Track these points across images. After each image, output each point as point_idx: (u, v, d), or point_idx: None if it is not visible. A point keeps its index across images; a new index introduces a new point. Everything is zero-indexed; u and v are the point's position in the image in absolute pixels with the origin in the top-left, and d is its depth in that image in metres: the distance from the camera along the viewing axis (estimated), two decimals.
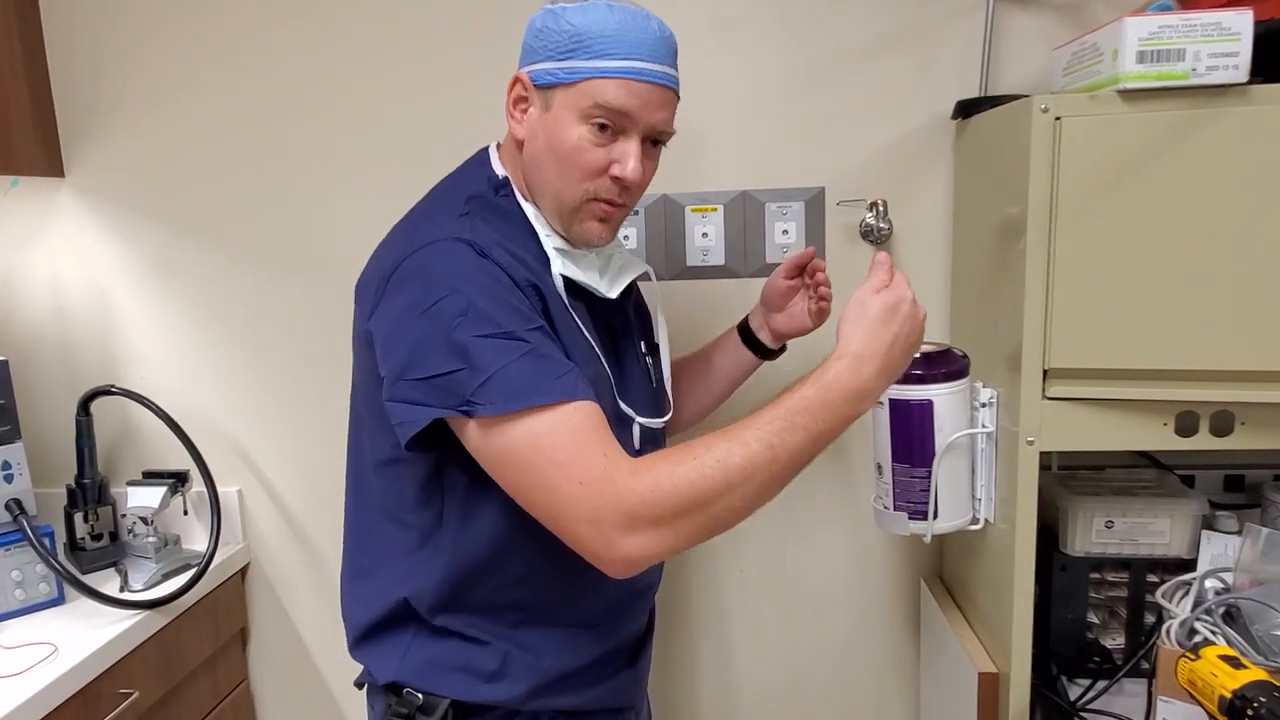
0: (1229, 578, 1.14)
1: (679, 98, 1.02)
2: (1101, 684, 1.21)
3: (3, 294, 1.60)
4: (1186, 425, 1.08)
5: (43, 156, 1.53)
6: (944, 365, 1.16)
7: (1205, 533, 1.19)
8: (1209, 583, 1.14)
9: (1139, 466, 1.37)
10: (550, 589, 1.02)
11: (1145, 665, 1.21)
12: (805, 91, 1.44)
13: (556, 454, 0.86)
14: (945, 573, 1.52)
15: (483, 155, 1.08)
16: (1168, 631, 1.09)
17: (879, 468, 1.22)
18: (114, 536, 1.59)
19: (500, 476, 0.90)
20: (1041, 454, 1.12)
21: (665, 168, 1.46)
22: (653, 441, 1.10)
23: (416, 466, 0.98)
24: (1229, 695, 0.86)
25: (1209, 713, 0.91)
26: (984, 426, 1.19)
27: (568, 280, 1.01)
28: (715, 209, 1.48)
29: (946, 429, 1.16)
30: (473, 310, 0.88)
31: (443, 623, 1.02)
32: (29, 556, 1.40)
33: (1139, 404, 1.08)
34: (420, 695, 1.02)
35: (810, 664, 1.61)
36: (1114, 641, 1.25)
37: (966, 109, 1.34)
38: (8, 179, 1.53)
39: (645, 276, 1.17)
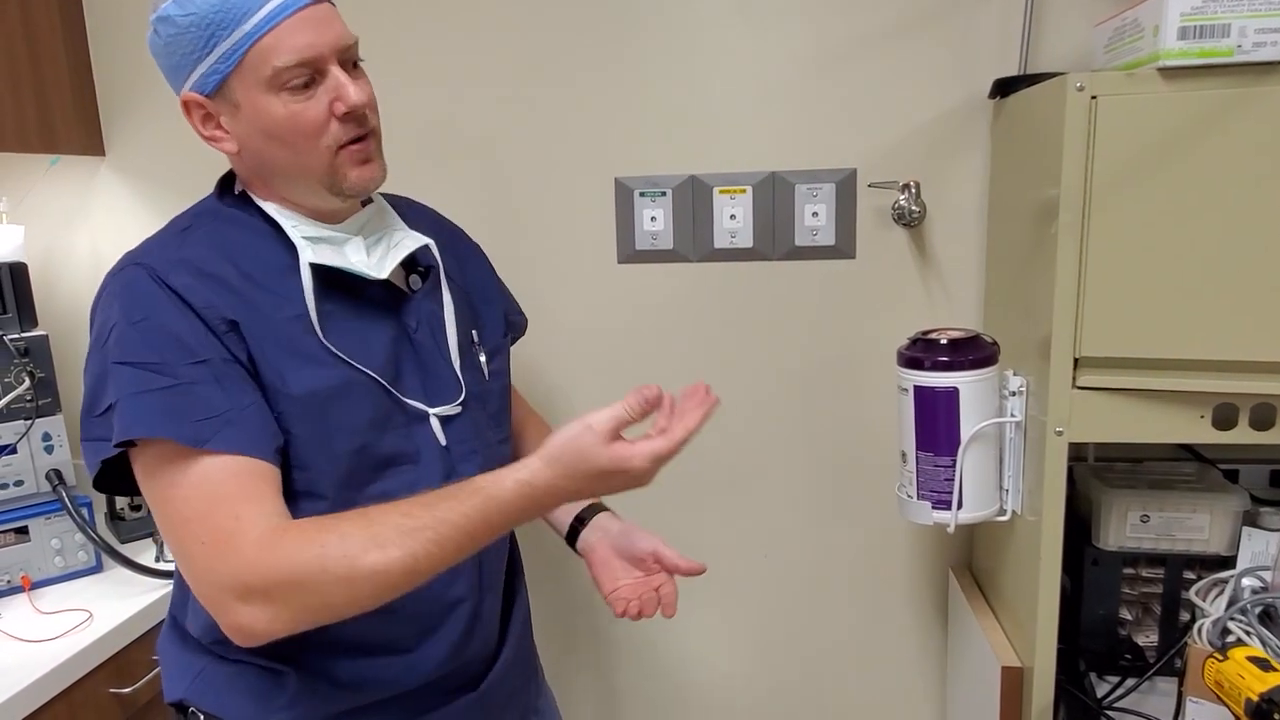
0: (1269, 576, 1.10)
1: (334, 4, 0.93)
2: (1130, 682, 1.18)
3: (44, 270, 1.64)
4: (1225, 418, 1.04)
5: (83, 135, 1.55)
6: (971, 353, 1.14)
7: (1246, 529, 1.15)
8: (1246, 581, 1.10)
9: (1179, 459, 1.32)
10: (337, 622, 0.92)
11: (1178, 664, 1.17)
12: (837, 69, 1.41)
13: (186, 508, 0.84)
14: (974, 563, 1.49)
15: (227, 172, 1.02)
16: (1199, 630, 1.05)
17: (903, 455, 1.19)
18: None
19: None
20: (1077, 445, 1.09)
21: (693, 148, 1.47)
22: (472, 437, 1.03)
23: None
24: (1255, 698, 0.83)
25: (1235, 715, 0.88)
26: (1012, 415, 1.16)
27: (331, 271, 0.94)
28: (744, 190, 1.46)
29: (973, 417, 1.13)
30: (125, 339, 0.86)
31: (232, 653, 0.97)
32: (68, 526, 1.44)
33: (1174, 395, 1.04)
34: (201, 715, 0.98)
35: (835, 651, 1.59)
36: (1147, 639, 1.22)
37: (1004, 87, 1.30)
38: (47, 158, 1.57)
39: (426, 251, 1.03)
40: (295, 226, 0.94)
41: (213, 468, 0.84)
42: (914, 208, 1.39)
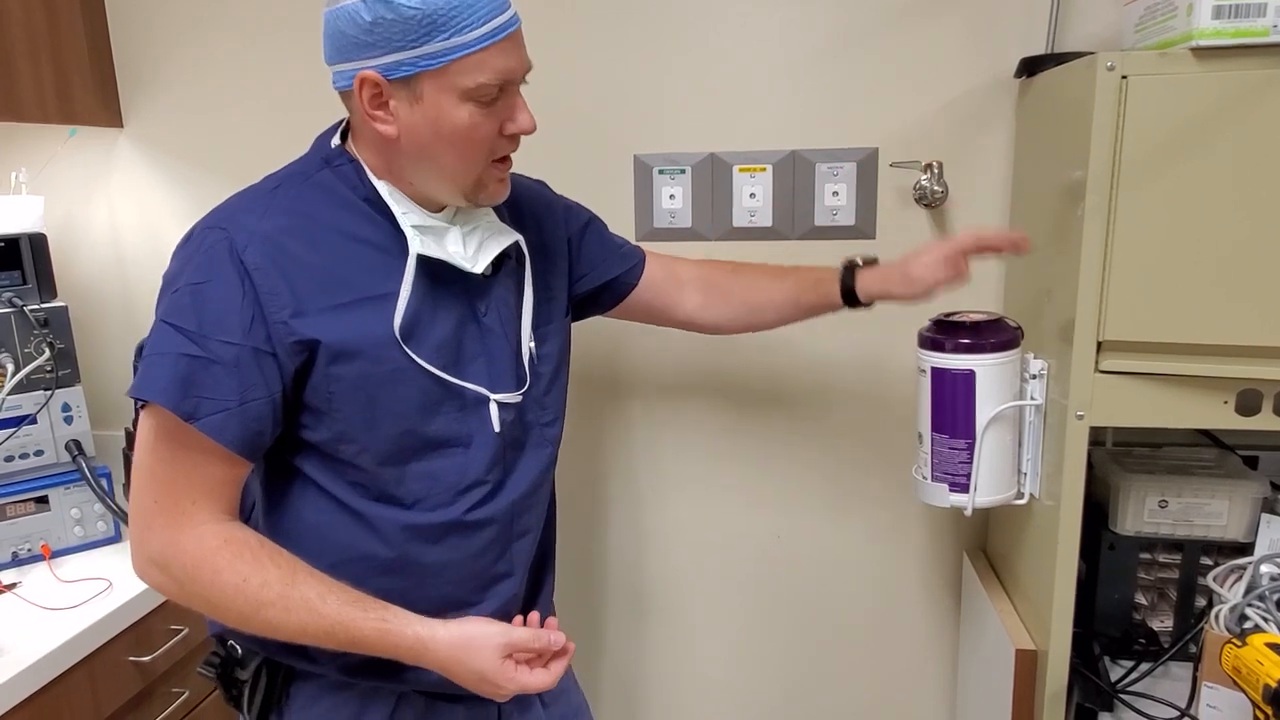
0: None
1: None
2: (1144, 666, 1.18)
3: (63, 241, 1.64)
4: (1248, 404, 1.04)
5: (101, 106, 1.55)
6: (993, 335, 1.13)
7: (1265, 516, 1.14)
8: (1265, 568, 1.09)
9: (1199, 445, 1.31)
10: (369, 581, 0.97)
11: (1193, 649, 1.17)
12: (859, 46, 1.39)
13: (160, 469, 0.91)
14: (989, 546, 1.49)
15: (327, 131, 1.03)
16: (1217, 616, 1.05)
17: (920, 437, 1.19)
18: None
19: None
20: (1095, 429, 1.08)
21: (713, 125, 1.45)
22: (519, 421, 1.05)
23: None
24: (1275, 684, 0.83)
25: (1253, 701, 0.88)
26: (1032, 399, 1.15)
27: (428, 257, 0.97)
28: (764, 169, 1.44)
29: (991, 400, 1.12)
30: (179, 300, 0.90)
31: None
32: (87, 496, 1.45)
33: (1198, 380, 1.04)
34: (240, 649, 1.04)
35: (847, 633, 1.60)
36: (1162, 624, 1.22)
37: (1031, 67, 1.28)
38: (66, 129, 1.57)
39: (516, 246, 1.05)
40: (405, 214, 0.97)
41: (197, 445, 0.90)
42: (936, 188, 1.38)
